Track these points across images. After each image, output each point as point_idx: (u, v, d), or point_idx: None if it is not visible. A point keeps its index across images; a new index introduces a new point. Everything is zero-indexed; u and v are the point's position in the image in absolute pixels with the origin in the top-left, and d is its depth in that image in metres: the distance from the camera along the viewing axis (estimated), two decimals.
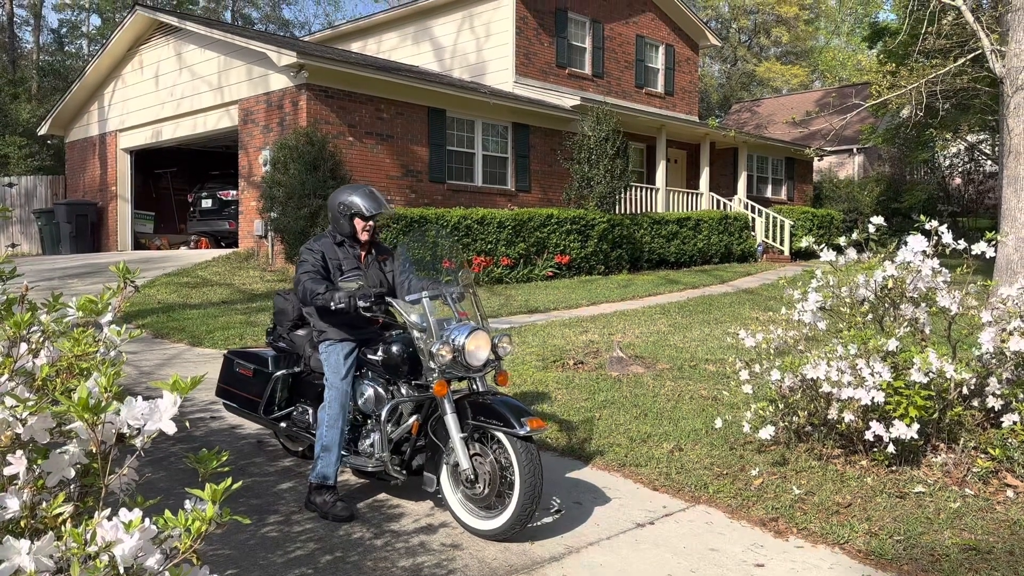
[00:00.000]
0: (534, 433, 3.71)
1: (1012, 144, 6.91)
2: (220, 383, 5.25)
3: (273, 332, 5.10)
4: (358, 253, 4.50)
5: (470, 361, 3.95)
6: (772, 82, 44.78)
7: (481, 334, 3.99)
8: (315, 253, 4.36)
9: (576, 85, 19.75)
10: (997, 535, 3.90)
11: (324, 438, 4.20)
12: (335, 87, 13.77)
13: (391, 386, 4.27)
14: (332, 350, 4.31)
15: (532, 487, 3.67)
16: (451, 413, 3.90)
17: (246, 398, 4.99)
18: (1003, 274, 6.69)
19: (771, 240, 21.12)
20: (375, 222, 4.43)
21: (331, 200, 4.47)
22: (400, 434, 4.16)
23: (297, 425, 4.75)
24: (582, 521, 4.19)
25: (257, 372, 4.94)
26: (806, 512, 4.24)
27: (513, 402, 3.92)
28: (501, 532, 3.79)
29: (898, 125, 21.05)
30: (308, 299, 4.18)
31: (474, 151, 16.14)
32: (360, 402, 4.33)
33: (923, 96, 9.24)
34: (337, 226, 4.44)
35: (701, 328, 10.21)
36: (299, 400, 4.82)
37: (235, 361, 5.14)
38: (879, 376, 4.44)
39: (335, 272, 4.37)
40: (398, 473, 4.15)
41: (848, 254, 5.12)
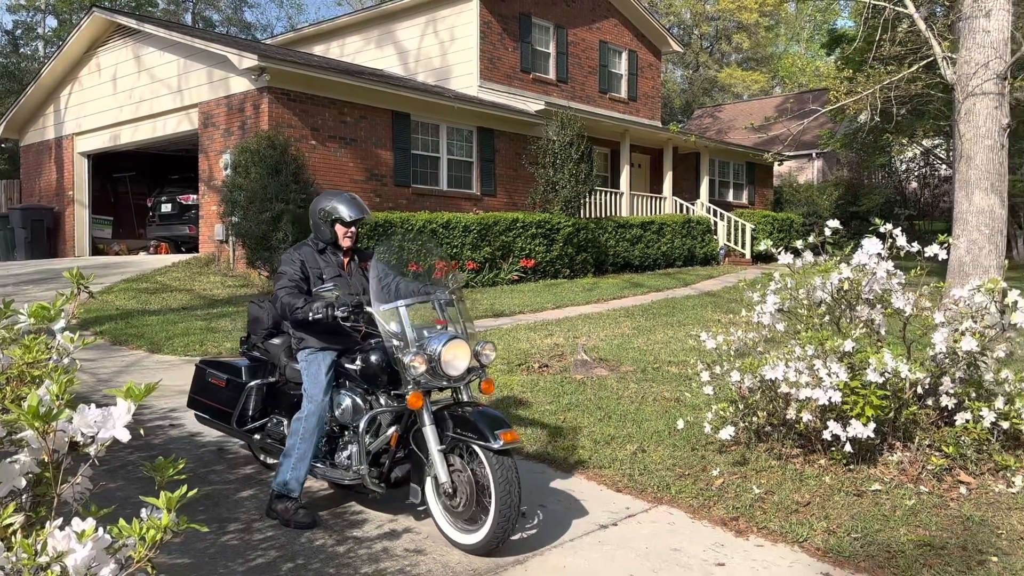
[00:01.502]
0: (508, 447, 3.60)
1: (963, 149, 7.09)
2: (192, 393, 5.10)
3: (247, 341, 4.96)
4: (340, 260, 4.41)
5: (447, 371, 3.82)
6: (733, 88, 45.36)
7: (458, 343, 3.85)
8: (294, 263, 4.27)
9: (541, 90, 19.83)
10: (951, 531, 3.99)
11: (297, 449, 4.08)
12: (297, 90, 13.67)
13: (370, 396, 4.15)
14: (312, 359, 4.19)
15: (508, 501, 3.57)
16: (429, 425, 3.80)
17: (218, 409, 4.84)
18: (955, 276, 6.86)
19: (733, 244, 21.38)
20: (357, 228, 4.35)
21: (312, 207, 4.39)
22: (379, 446, 4.03)
23: (271, 437, 4.62)
24: (546, 523, 4.20)
25: (230, 382, 4.79)
26: (766, 511, 4.31)
27: (491, 413, 3.81)
28: (480, 547, 3.69)
29: (856, 130, 21.45)
30: (287, 315, 4.12)
31: (439, 155, 16.12)
32: (337, 412, 4.20)
33: (879, 102, 9.44)
34: (318, 233, 4.37)
35: (664, 331, 10.29)
36: (273, 411, 4.68)
37: (207, 371, 4.98)
38: (836, 376, 4.52)
39: (315, 281, 4.26)
40: (376, 486, 4.02)
41: (805, 257, 5.21)
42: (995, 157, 7.04)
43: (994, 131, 7.06)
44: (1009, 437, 4.79)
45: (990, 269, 6.76)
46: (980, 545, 3.82)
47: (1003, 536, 3.92)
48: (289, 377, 4.50)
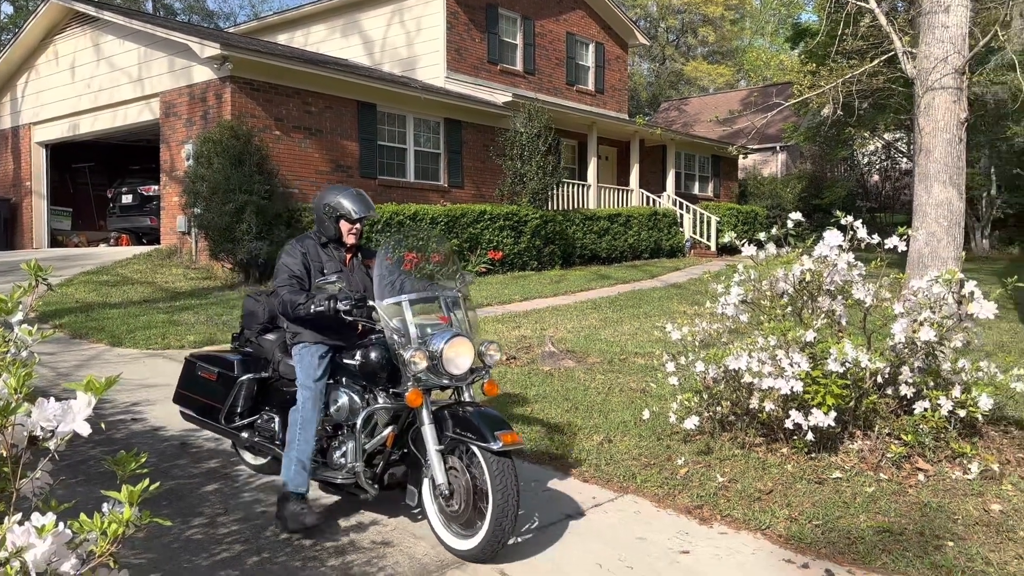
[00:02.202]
0: (508, 448, 3.46)
1: (923, 142, 7.20)
2: (179, 389, 4.93)
3: (240, 336, 4.82)
4: (343, 256, 4.29)
5: (449, 369, 3.70)
6: (699, 81, 45.69)
7: (462, 340, 3.73)
8: (295, 257, 4.14)
9: (508, 81, 19.79)
10: (909, 517, 4.08)
11: (297, 440, 3.94)
12: (261, 80, 13.50)
13: (367, 394, 4.02)
14: (305, 352, 4.08)
15: (506, 505, 3.44)
16: (428, 424, 3.67)
17: (206, 405, 4.67)
18: (914, 267, 6.98)
19: (698, 236, 21.58)
20: (362, 225, 4.24)
21: (316, 201, 4.26)
22: (374, 446, 3.90)
23: (261, 434, 4.46)
24: None
25: (221, 376, 4.62)
26: (729, 499, 4.37)
27: (491, 414, 3.67)
28: (478, 551, 3.54)
29: (819, 124, 21.74)
30: (290, 312, 3.98)
31: (406, 146, 16.03)
32: (333, 409, 4.06)
33: (841, 95, 9.57)
34: (322, 228, 4.23)
35: (631, 322, 10.37)
36: (264, 408, 4.53)
37: (197, 364, 4.81)
38: (798, 366, 4.60)
39: (316, 275, 4.13)
40: (370, 487, 3.87)
41: (768, 249, 5.28)
42: (953, 151, 7.17)
43: (952, 125, 7.18)
44: (966, 425, 4.91)
45: (948, 261, 6.89)
46: (937, 530, 3.91)
47: (959, 521, 4.02)
48: (283, 373, 4.37)
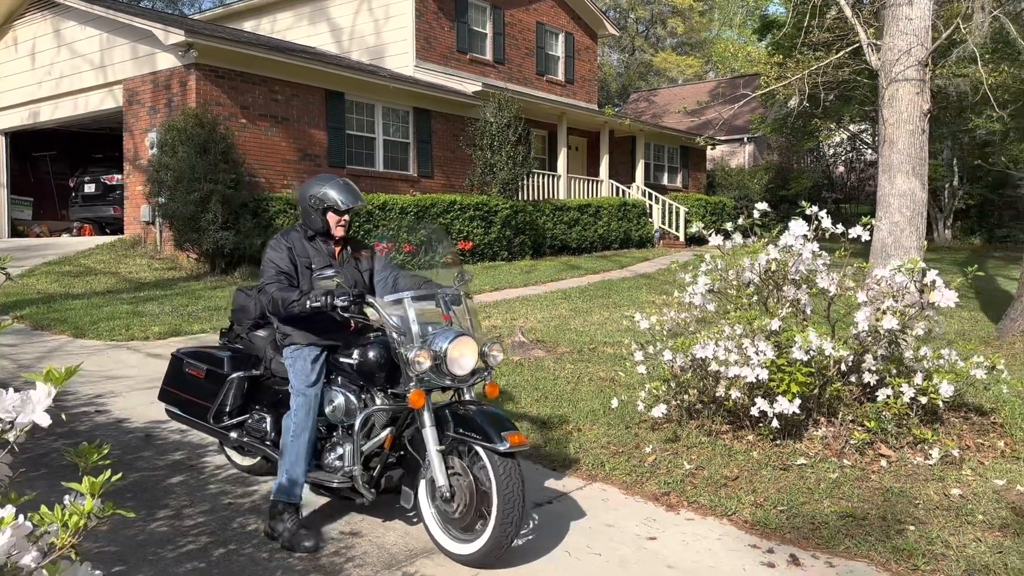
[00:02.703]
0: (515, 449, 3.35)
1: (886, 133, 7.33)
2: (164, 386, 4.72)
3: (229, 332, 4.64)
4: (331, 250, 4.09)
5: (453, 369, 3.57)
6: (668, 72, 45.88)
7: (466, 340, 3.61)
8: (280, 252, 3.92)
9: (477, 71, 19.71)
10: (871, 502, 4.15)
11: (290, 448, 3.75)
12: (226, 67, 13.31)
13: (364, 394, 3.87)
14: (298, 355, 3.88)
15: (511, 509, 3.32)
16: (430, 426, 3.54)
17: (194, 403, 4.48)
18: (878, 257, 7.10)
19: (667, 226, 21.72)
20: (350, 216, 4.05)
21: (302, 192, 4.05)
22: (371, 448, 3.75)
23: (251, 434, 4.28)
24: None
25: (210, 373, 4.44)
26: (696, 486, 4.42)
27: (496, 414, 3.56)
28: (480, 557, 3.42)
29: (785, 115, 21.94)
30: (280, 309, 3.76)
31: (375, 136, 15.91)
32: (328, 410, 3.89)
33: (807, 87, 9.67)
34: (308, 220, 4.02)
35: (601, 312, 10.42)
36: (254, 407, 4.36)
37: (185, 361, 4.61)
38: (763, 355, 4.65)
39: (303, 271, 3.93)
40: (367, 491, 3.71)
41: (735, 239, 5.33)
42: (916, 141, 7.30)
43: (916, 116, 7.31)
44: (927, 412, 5.00)
45: (911, 250, 7.02)
46: (899, 515, 3.99)
47: (920, 506, 4.10)
48: (275, 371, 4.20)
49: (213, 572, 3.41)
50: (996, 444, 4.95)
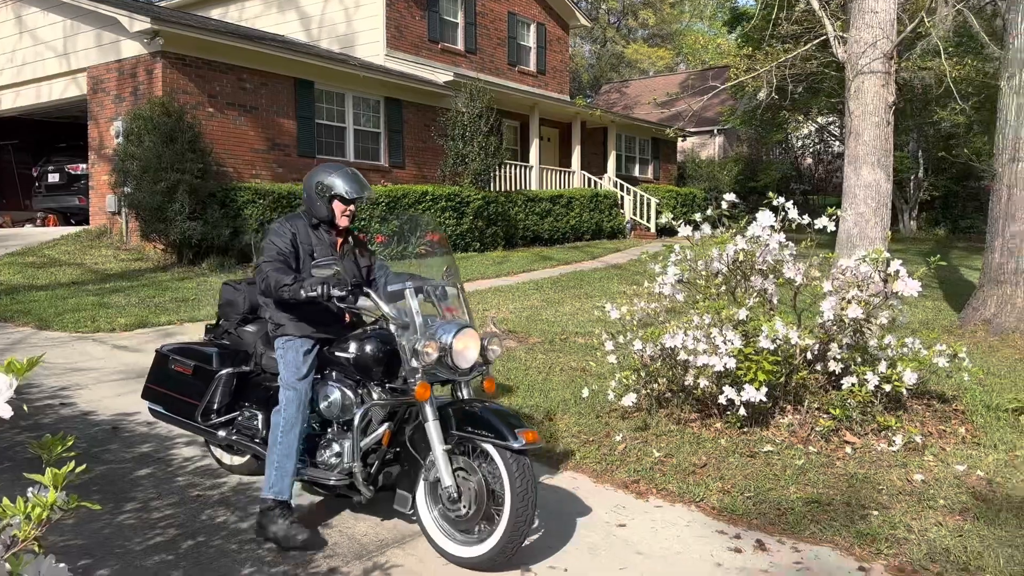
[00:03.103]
0: (529, 447, 3.29)
1: (852, 125, 7.43)
2: (149, 383, 4.55)
3: (215, 327, 4.50)
4: (334, 240, 3.99)
5: (457, 363, 3.51)
6: (640, 64, 46.01)
7: (471, 332, 3.56)
8: (284, 236, 3.82)
9: (449, 61, 19.62)
10: (836, 488, 4.23)
11: (279, 444, 3.64)
12: (193, 55, 13.12)
13: (361, 389, 3.76)
14: (290, 346, 3.78)
15: (525, 509, 3.25)
16: (433, 421, 3.43)
17: (181, 400, 4.33)
18: (843, 247, 7.21)
19: (638, 217, 21.83)
20: (356, 207, 3.96)
21: (307, 180, 3.95)
22: (369, 444, 3.65)
23: (241, 432, 4.14)
24: None
25: (198, 370, 4.28)
26: (665, 473, 4.47)
27: (504, 411, 3.51)
28: (487, 560, 3.33)
29: (755, 107, 22.14)
30: (273, 291, 3.64)
31: (345, 125, 15.79)
32: (323, 406, 3.78)
33: (775, 79, 9.76)
34: (313, 208, 3.92)
35: (572, 303, 10.47)
36: (244, 404, 4.21)
37: (171, 357, 4.45)
38: (731, 344, 4.71)
39: (306, 259, 3.84)
40: (365, 488, 3.61)
41: (704, 230, 5.38)
42: (881, 133, 7.41)
43: (881, 108, 7.42)
44: (891, 399, 5.10)
45: (876, 240, 7.13)
46: (863, 500, 4.07)
47: (884, 492, 4.18)
48: (265, 367, 4.09)
49: (181, 564, 3.39)
50: (957, 430, 5.06)
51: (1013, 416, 5.31)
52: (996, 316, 7.96)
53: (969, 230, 23.61)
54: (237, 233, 12.50)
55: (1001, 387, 6.01)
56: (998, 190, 8.09)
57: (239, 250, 12.61)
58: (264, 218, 12.76)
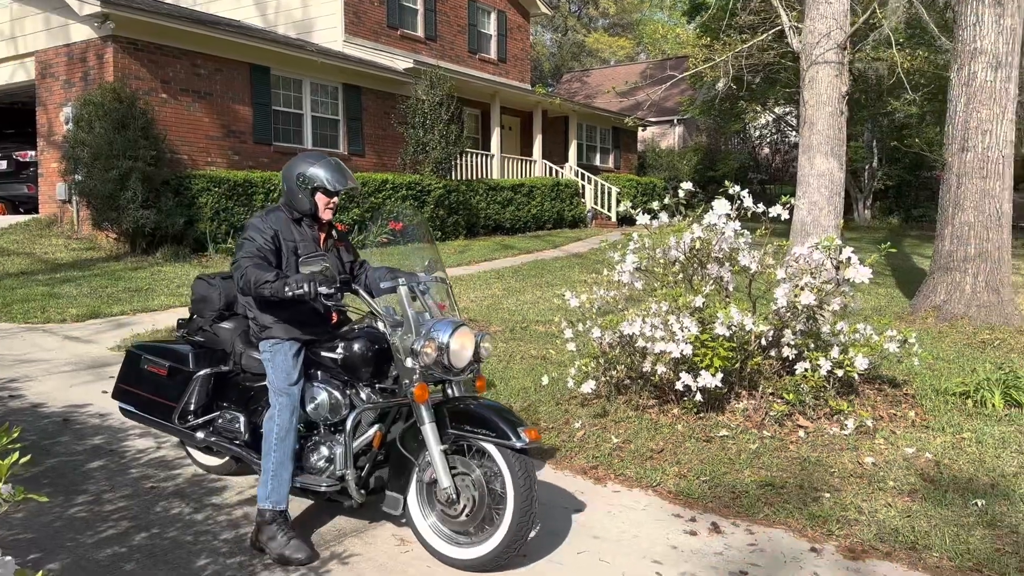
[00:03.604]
0: (532, 445, 3.21)
1: (807, 115, 7.55)
2: (120, 383, 4.34)
3: (188, 323, 4.29)
4: (316, 235, 3.78)
5: (454, 362, 3.38)
6: (600, 53, 46.13)
7: (467, 332, 3.43)
8: (264, 232, 3.59)
9: (409, 47, 19.46)
10: (789, 471, 4.31)
11: (274, 453, 3.47)
12: (146, 39, 12.83)
13: (349, 390, 3.62)
14: (278, 349, 3.59)
15: (528, 508, 3.18)
16: (430, 422, 3.32)
17: (157, 402, 4.13)
18: (798, 235, 7.33)
19: (600, 207, 21.93)
20: (339, 199, 3.78)
21: (287, 171, 3.73)
22: (359, 447, 3.52)
23: (222, 435, 3.96)
24: None
25: (174, 371, 4.09)
26: (623, 459, 4.51)
27: (503, 408, 3.40)
28: (489, 561, 3.24)
29: (713, 97, 22.33)
30: (252, 288, 3.43)
31: (302, 112, 15.58)
32: (310, 408, 3.63)
33: (733, 69, 9.86)
34: (294, 201, 3.69)
35: (533, 291, 10.49)
36: (223, 405, 4.04)
37: (143, 357, 4.24)
38: (688, 330, 4.76)
39: (289, 256, 3.63)
40: (357, 493, 3.48)
41: (661, 218, 5.43)
42: (835, 123, 7.53)
43: (834, 98, 7.54)
44: (843, 384, 5.20)
45: (829, 228, 7.26)
46: (815, 483, 4.15)
47: (835, 474, 4.27)
48: (245, 367, 3.90)
49: (135, 557, 3.34)
50: (907, 414, 5.18)
51: (960, 400, 5.45)
52: (946, 302, 8.16)
53: (922, 219, 24.14)
54: (192, 222, 12.30)
55: (950, 371, 6.17)
56: (948, 179, 8.28)
57: (194, 239, 12.41)
58: (219, 206, 12.56)
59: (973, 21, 7.92)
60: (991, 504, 3.87)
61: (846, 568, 3.38)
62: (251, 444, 3.81)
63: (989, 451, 4.56)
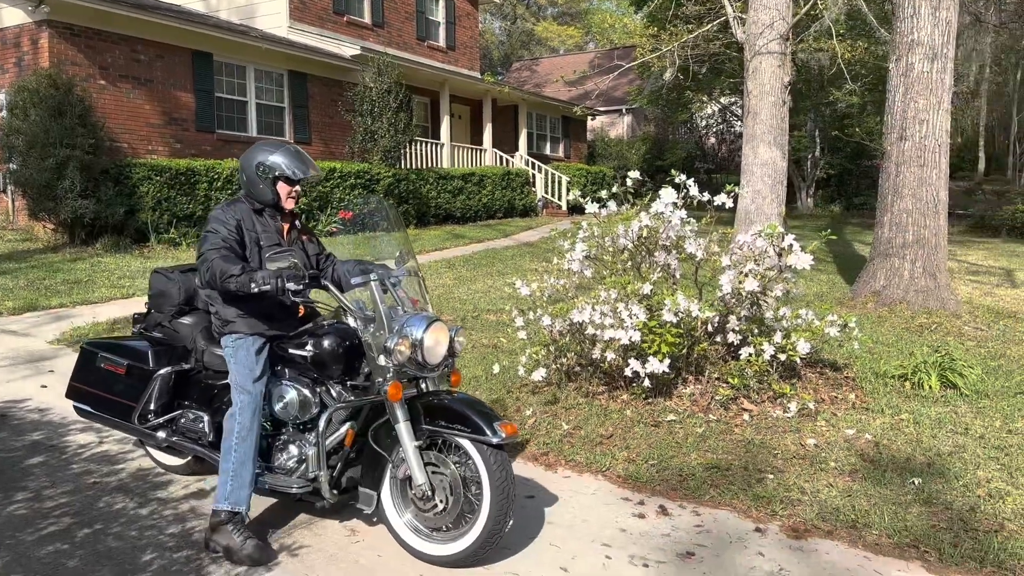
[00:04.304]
0: (508, 440, 3.15)
1: (750, 105, 7.68)
2: (74, 382, 4.19)
3: (145, 319, 4.14)
4: (279, 226, 3.67)
5: (428, 358, 3.31)
6: (550, 42, 46.17)
7: (440, 327, 3.36)
8: (227, 223, 3.48)
9: (356, 34, 19.22)
10: (734, 453, 4.41)
11: (235, 452, 3.37)
12: (82, 24, 12.43)
13: (319, 387, 3.52)
14: (240, 344, 3.49)
15: (504, 503, 3.15)
16: (404, 420, 3.26)
17: (115, 402, 3.99)
18: (742, 223, 7.47)
19: (550, 195, 22.00)
20: (302, 187, 3.66)
21: (245, 160, 3.62)
22: (330, 446, 3.43)
23: (184, 435, 3.84)
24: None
25: (133, 369, 3.94)
26: (573, 445, 4.56)
27: (478, 403, 3.36)
28: (465, 557, 3.22)
29: (661, 87, 22.55)
30: (217, 282, 3.32)
31: (247, 99, 15.29)
32: (278, 407, 3.53)
33: (679, 59, 9.97)
34: (255, 191, 3.59)
35: (484, 280, 10.49)
36: (184, 404, 3.91)
37: (99, 355, 4.09)
38: (636, 317, 4.82)
39: (253, 247, 3.54)
40: (329, 493, 3.39)
41: (610, 206, 5.48)
42: (778, 113, 7.67)
43: (777, 88, 7.68)
44: (786, 368, 5.33)
45: (772, 216, 7.41)
46: (759, 464, 4.25)
47: (779, 456, 4.38)
48: (208, 364, 3.79)
49: (78, 553, 3.27)
50: (848, 397, 5.33)
51: (899, 382, 5.63)
52: (885, 288, 8.40)
53: (863, 207, 24.76)
54: (133, 212, 11.99)
55: (889, 355, 6.36)
56: (887, 168, 8.51)
57: (135, 229, 12.11)
58: (161, 195, 12.27)
59: (910, 13, 8.14)
60: (927, 482, 4.01)
61: (789, 547, 3.48)
62: (215, 444, 3.68)
63: (926, 431, 4.73)
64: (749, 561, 3.35)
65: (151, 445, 4.12)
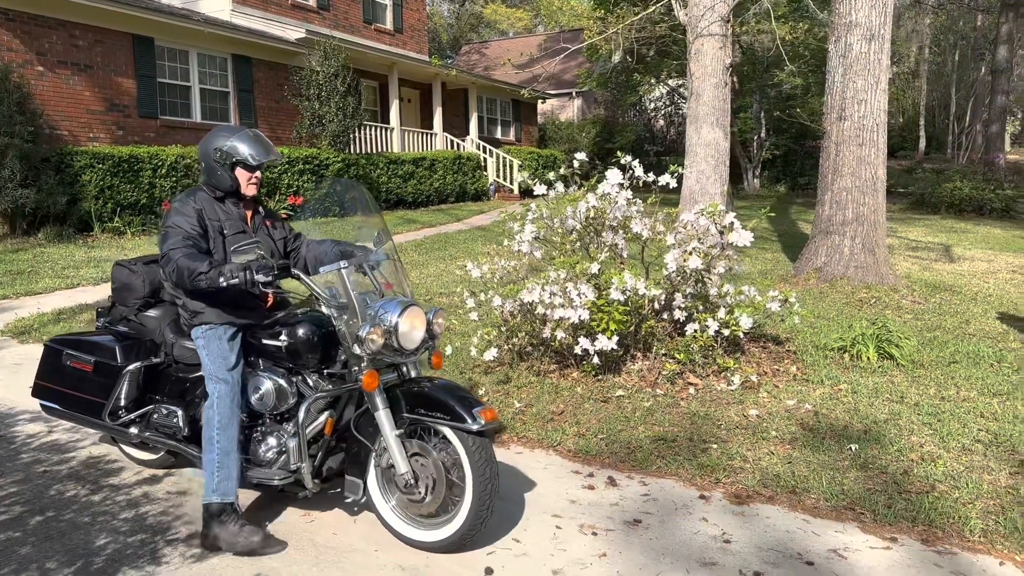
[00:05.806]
0: (489, 427, 3.11)
1: (694, 86, 7.82)
2: (40, 380, 4.05)
3: (108, 312, 4.02)
4: (243, 213, 3.59)
5: (404, 344, 3.24)
6: (499, 24, 46.01)
7: (416, 311, 3.28)
8: (188, 216, 3.39)
9: (301, 17, 18.95)
10: (680, 426, 4.55)
11: (217, 442, 3.30)
12: (17, 9, 12.07)
13: (295, 377, 3.46)
14: (211, 335, 3.42)
15: (487, 489, 3.14)
16: (383, 408, 3.22)
17: (84, 400, 3.89)
18: (686, 203, 7.62)
19: (502, 179, 22.05)
20: (262, 172, 3.57)
21: (203, 147, 3.53)
22: (310, 434, 3.37)
23: (158, 430, 3.74)
24: None
25: (100, 366, 3.83)
26: (525, 422, 4.66)
27: (457, 387, 3.31)
28: (451, 544, 3.21)
29: (610, 70, 22.72)
30: (187, 282, 3.24)
31: (190, 84, 15.01)
32: (255, 399, 3.47)
33: (625, 42, 10.08)
34: (214, 178, 3.50)
35: (437, 264, 10.53)
36: (156, 399, 3.81)
37: (64, 352, 3.97)
38: (585, 297, 4.93)
39: (216, 236, 3.45)
40: (312, 483, 3.36)
41: (558, 188, 5.57)
42: (720, 94, 7.83)
43: (719, 70, 7.83)
44: (730, 343, 5.50)
45: (715, 196, 7.58)
46: (704, 436, 4.40)
47: (722, 427, 4.54)
48: (178, 357, 3.68)
49: (30, 540, 3.26)
50: (789, 369, 5.53)
51: (838, 354, 5.85)
52: (826, 264, 8.66)
53: (807, 186, 25.31)
54: (75, 200, 11.74)
55: (829, 328, 6.59)
56: (827, 147, 8.75)
57: (79, 218, 11.85)
58: (105, 184, 12.02)
59: None
60: (864, 448, 4.20)
61: (732, 512, 3.62)
62: (190, 438, 3.63)
63: (863, 400, 4.93)
64: (694, 526, 3.48)
65: (124, 442, 4.05)
